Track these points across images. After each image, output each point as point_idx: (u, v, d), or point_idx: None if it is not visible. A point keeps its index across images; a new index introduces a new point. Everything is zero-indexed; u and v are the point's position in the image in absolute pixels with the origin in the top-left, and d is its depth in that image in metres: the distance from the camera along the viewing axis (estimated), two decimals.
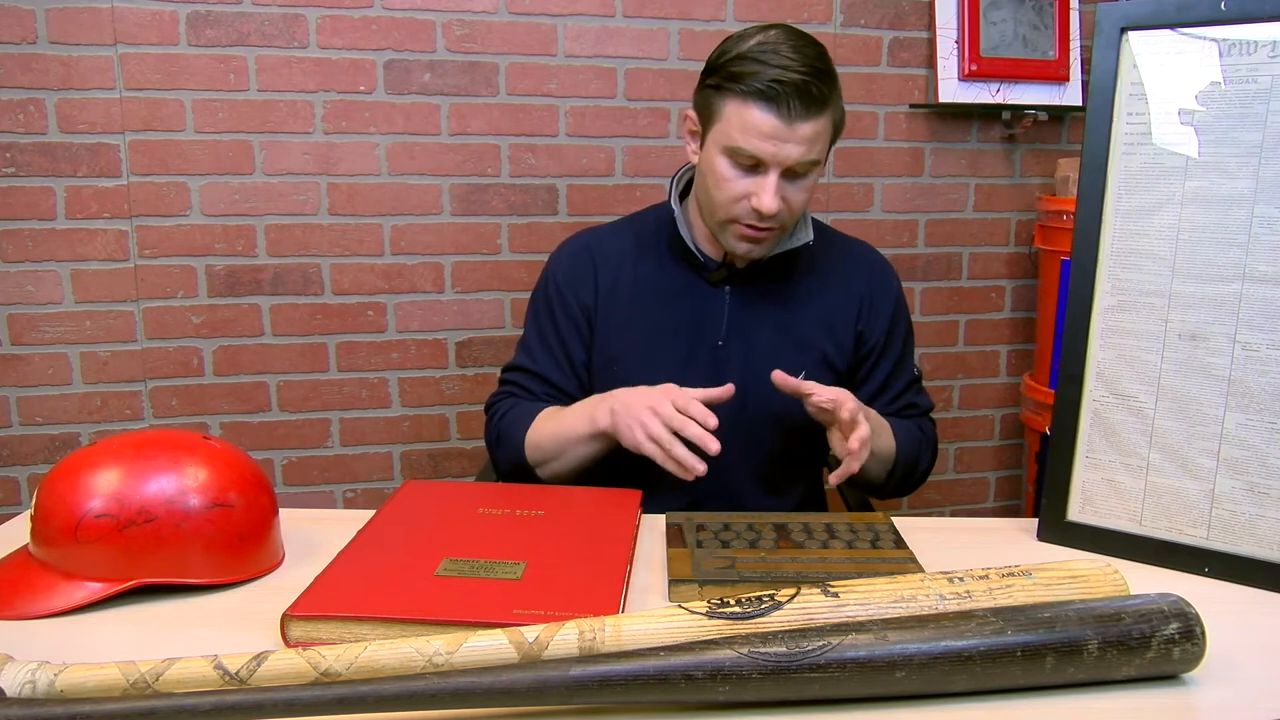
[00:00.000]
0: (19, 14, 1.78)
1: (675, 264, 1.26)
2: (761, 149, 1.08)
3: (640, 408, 1.05)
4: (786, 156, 1.08)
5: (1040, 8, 2.11)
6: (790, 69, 1.05)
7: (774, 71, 1.05)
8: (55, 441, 1.93)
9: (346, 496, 2.07)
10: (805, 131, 1.07)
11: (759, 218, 1.12)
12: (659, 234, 1.27)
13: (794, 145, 1.08)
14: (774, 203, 1.09)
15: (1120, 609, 0.69)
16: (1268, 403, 0.89)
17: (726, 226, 1.16)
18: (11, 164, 1.82)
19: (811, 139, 1.08)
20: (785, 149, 1.08)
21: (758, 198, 1.10)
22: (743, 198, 1.12)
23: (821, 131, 1.09)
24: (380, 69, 1.92)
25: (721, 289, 1.24)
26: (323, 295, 1.98)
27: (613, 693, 0.63)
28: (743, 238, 1.15)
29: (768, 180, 1.10)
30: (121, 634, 0.78)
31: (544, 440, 1.18)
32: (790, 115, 1.06)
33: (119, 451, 0.85)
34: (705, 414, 1.02)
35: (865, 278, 1.28)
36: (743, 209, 1.12)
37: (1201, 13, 0.91)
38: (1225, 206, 0.91)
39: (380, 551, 0.88)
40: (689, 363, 1.23)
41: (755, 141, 1.08)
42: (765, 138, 1.07)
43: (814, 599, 0.70)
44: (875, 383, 1.28)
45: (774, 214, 1.10)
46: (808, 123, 1.07)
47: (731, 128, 1.09)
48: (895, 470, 1.23)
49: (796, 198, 1.13)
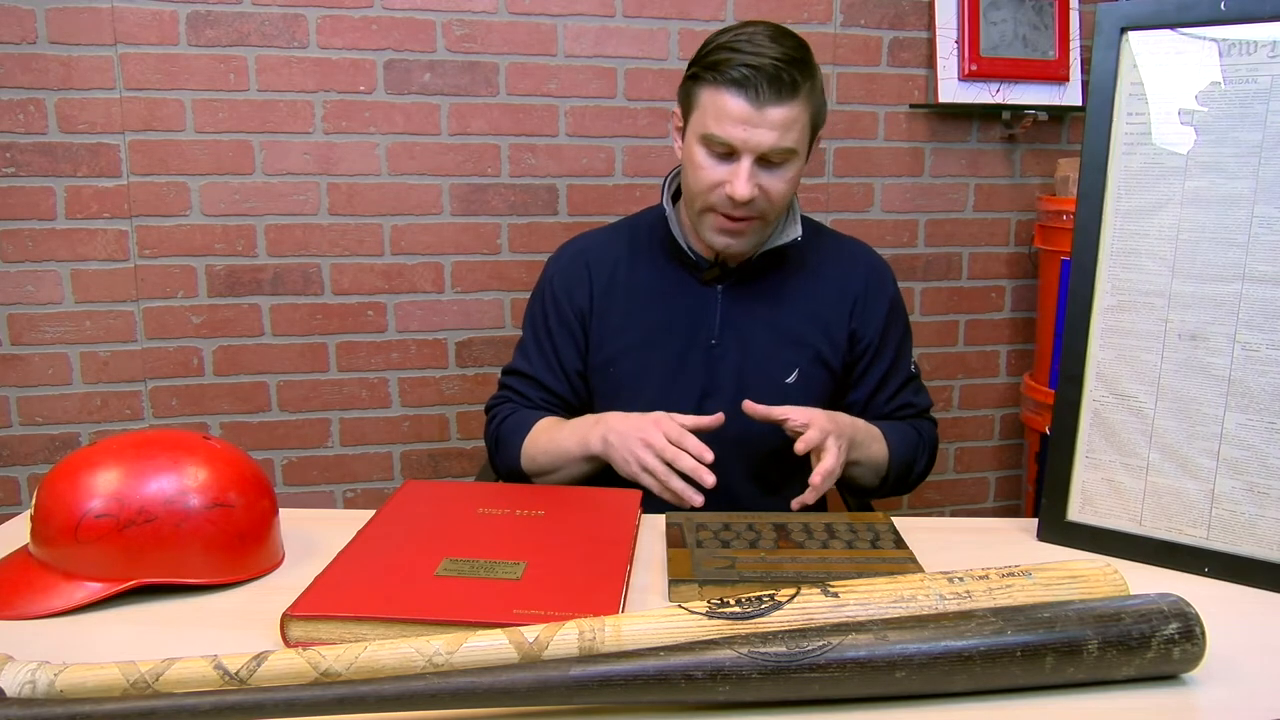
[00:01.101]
0: (19, 14, 1.78)
1: (668, 264, 1.26)
2: (732, 134, 1.09)
3: (633, 439, 1.06)
4: (759, 143, 1.09)
5: (1040, 8, 2.10)
6: (762, 55, 1.08)
7: (746, 58, 1.08)
8: (55, 441, 1.93)
9: (346, 496, 2.07)
10: (776, 117, 1.09)
11: (733, 205, 1.13)
12: (652, 235, 1.29)
13: (765, 131, 1.09)
14: (746, 188, 1.10)
15: (1120, 609, 0.69)
16: (1268, 403, 0.89)
17: (704, 216, 1.17)
18: (11, 164, 1.82)
19: (784, 125, 1.09)
20: (756, 134, 1.09)
21: (731, 184, 1.11)
22: (718, 185, 1.13)
23: (795, 119, 1.10)
24: (380, 69, 1.92)
25: (714, 288, 1.25)
26: (323, 295, 1.98)
27: (613, 693, 0.63)
28: (720, 229, 1.17)
29: (741, 166, 1.11)
30: (121, 634, 0.78)
31: (539, 454, 1.20)
32: (760, 100, 1.08)
33: (119, 451, 0.85)
34: (700, 448, 1.03)
35: (860, 276, 1.28)
36: (718, 197, 1.14)
37: (1201, 13, 0.91)
38: (1225, 206, 0.90)
39: (380, 551, 0.88)
40: (683, 362, 1.24)
41: (727, 127, 1.09)
42: (736, 123, 1.09)
43: (814, 599, 0.70)
44: (870, 382, 1.28)
45: (748, 200, 1.12)
46: (778, 108, 1.09)
47: (706, 115, 1.11)
48: (888, 477, 1.24)
49: (775, 187, 1.14)
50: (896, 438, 1.24)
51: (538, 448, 1.20)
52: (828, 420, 1.10)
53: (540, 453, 1.20)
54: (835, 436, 1.08)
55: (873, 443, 1.20)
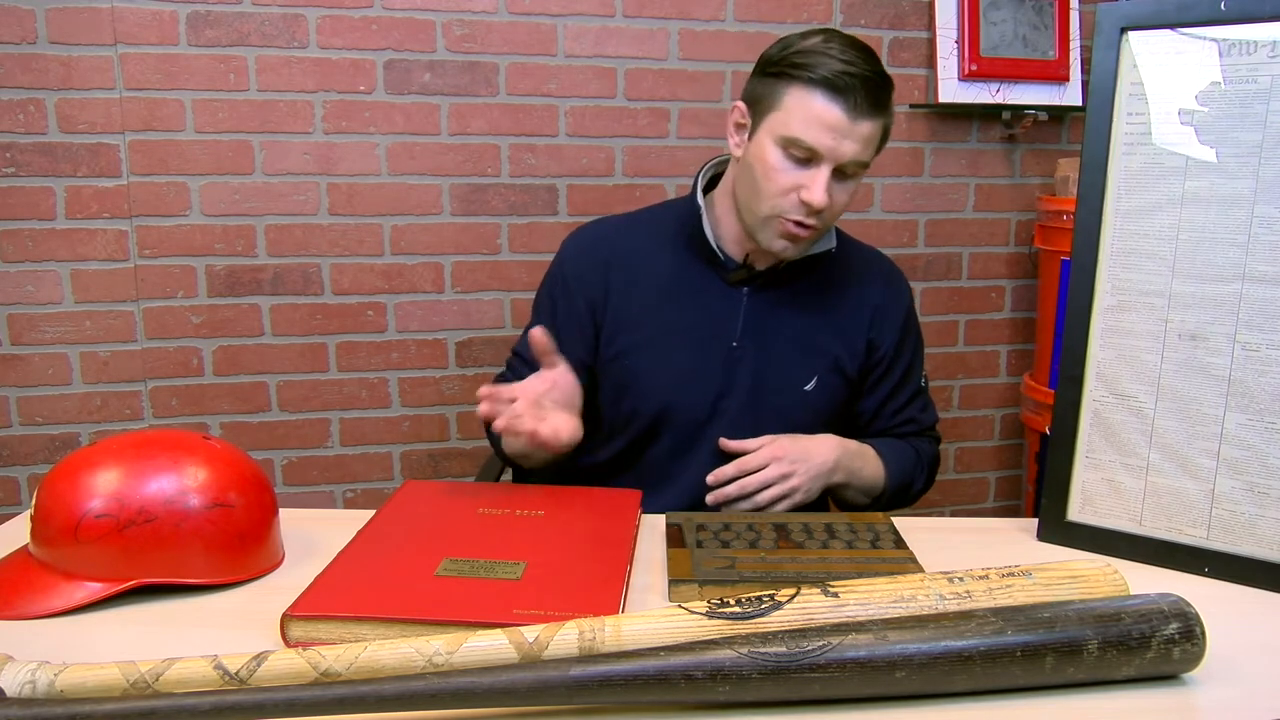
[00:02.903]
0: (19, 14, 1.78)
1: (694, 261, 1.23)
2: (821, 141, 1.06)
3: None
4: (844, 153, 1.06)
5: (1040, 8, 2.10)
6: (858, 64, 1.05)
7: (842, 65, 1.04)
8: (55, 441, 1.93)
9: (346, 496, 2.07)
10: (865, 130, 1.06)
11: (807, 212, 1.09)
12: (679, 230, 1.24)
13: (852, 142, 1.06)
14: (824, 197, 1.07)
15: (1120, 609, 0.69)
16: (1268, 403, 0.89)
17: (769, 222, 1.13)
18: (11, 164, 1.82)
19: (868, 139, 1.08)
20: (844, 144, 1.06)
21: (808, 190, 1.07)
22: (791, 190, 1.09)
23: (877, 134, 1.09)
24: (380, 69, 1.92)
25: (739, 290, 1.22)
26: (323, 295, 1.98)
27: (613, 693, 0.63)
28: (785, 234, 1.12)
29: (820, 173, 1.07)
30: (121, 634, 0.78)
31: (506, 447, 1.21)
32: (856, 110, 1.05)
33: (119, 451, 0.85)
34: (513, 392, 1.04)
35: (880, 286, 1.27)
36: (790, 202, 1.10)
37: (1201, 13, 0.91)
38: (1225, 206, 0.90)
39: (380, 551, 0.88)
40: (702, 361, 1.21)
41: (816, 132, 1.06)
42: (826, 129, 1.05)
43: (814, 599, 0.70)
44: (881, 392, 1.27)
45: (822, 209, 1.08)
46: (868, 121, 1.06)
47: (792, 117, 1.07)
48: (881, 498, 1.23)
49: (840, 199, 1.11)
50: (894, 458, 1.23)
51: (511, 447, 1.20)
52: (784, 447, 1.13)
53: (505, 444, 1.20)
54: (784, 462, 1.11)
55: (869, 466, 1.20)
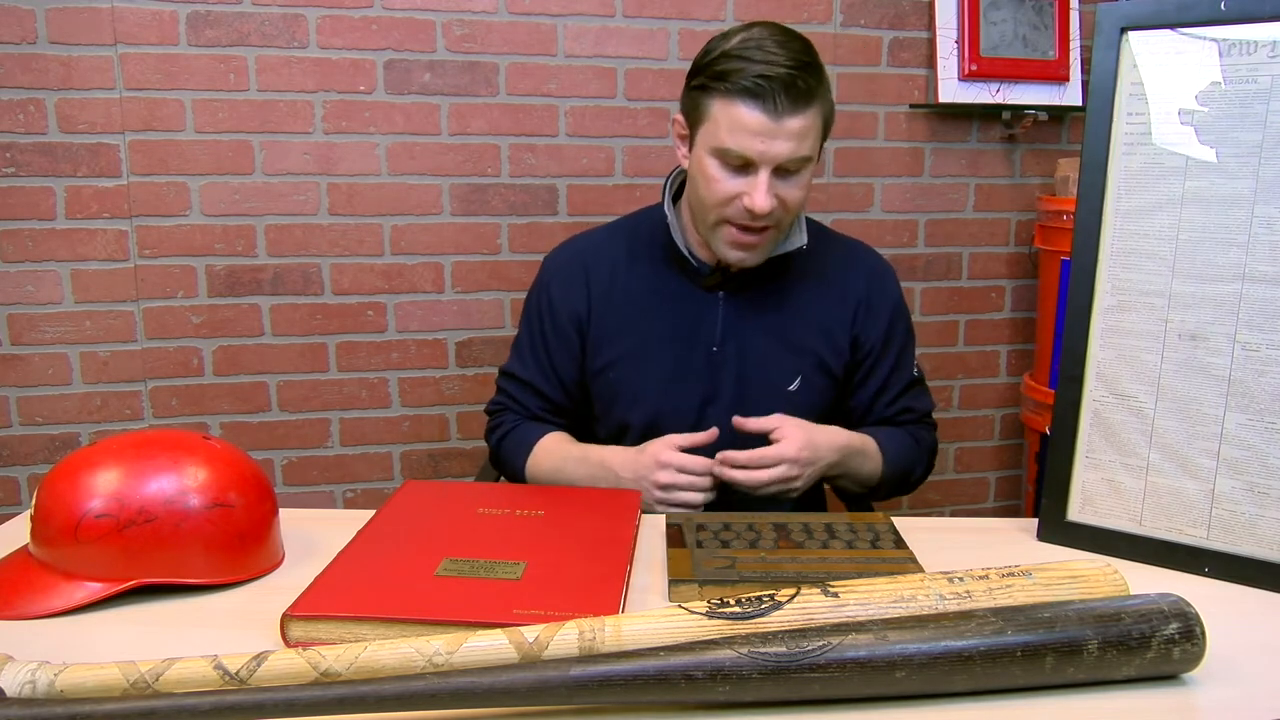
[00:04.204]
0: (19, 14, 1.78)
1: (668, 269, 1.24)
2: (750, 147, 1.06)
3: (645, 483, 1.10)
4: (776, 154, 1.06)
5: (1040, 8, 2.10)
6: (775, 64, 1.03)
7: (759, 67, 1.03)
8: (55, 441, 1.93)
9: (346, 496, 2.07)
10: (793, 127, 1.06)
11: (752, 217, 1.10)
12: (652, 238, 1.25)
13: (783, 141, 1.06)
14: (766, 201, 1.07)
15: (1120, 609, 0.68)
16: (1268, 403, 0.89)
17: (718, 229, 1.14)
18: (11, 164, 1.82)
19: (800, 134, 1.06)
20: (775, 146, 1.06)
21: (750, 197, 1.08)
22: (734, 198, 1.10)
23: (810, 126, 1.08)
24: (380, 69, 1.92)
25: (715, 294, 1.23)
26: (323, 295, 1.98)
27: (613, 693, 0.63)
28: (734, 243, 1.13)
29: (759, 179, 1.07)
30: (121, 634, 0.78)
31: (543, 477, 1.22)
32: (777, 111, 1.04)
33: (119, 451, 0.85)
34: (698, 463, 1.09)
35: (862, 281, 1.26)
36: (735, 210, 1.10)
37: (1201, 13, 0.91)
38: (1225, 207, 0.90)
39: (380, 551, 0.88)
40: (684, 369, 1.22)
41: (744, 140, 1.06)
42: (753, 135, 1.05)
43: (814, 599, 0.70)
44: (872, 387, 1.27)
45: (768, 213, 1.09)
46: (795, 117, 1.05)
47: (719, 128, 1.07)
48: (879, 488, 1.24)
49: (791, 195, 1.11)
50: (893, 448, 1.23)
51: (541, 471, 1.22)
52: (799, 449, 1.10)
53: (544, 476, 1.21)
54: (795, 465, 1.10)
55: (869, 459, 1.20)
